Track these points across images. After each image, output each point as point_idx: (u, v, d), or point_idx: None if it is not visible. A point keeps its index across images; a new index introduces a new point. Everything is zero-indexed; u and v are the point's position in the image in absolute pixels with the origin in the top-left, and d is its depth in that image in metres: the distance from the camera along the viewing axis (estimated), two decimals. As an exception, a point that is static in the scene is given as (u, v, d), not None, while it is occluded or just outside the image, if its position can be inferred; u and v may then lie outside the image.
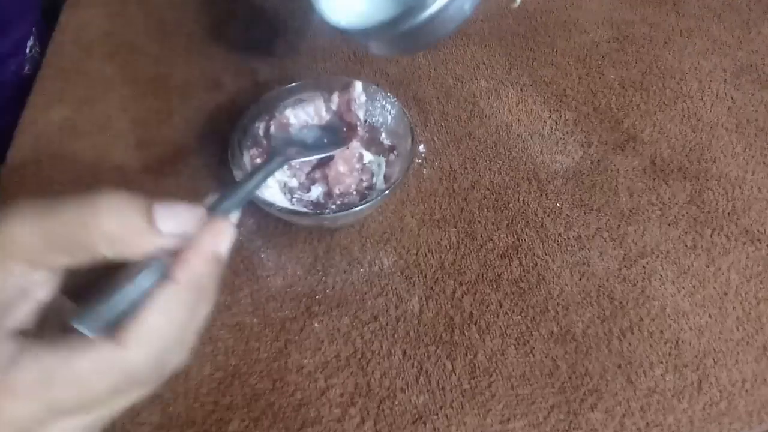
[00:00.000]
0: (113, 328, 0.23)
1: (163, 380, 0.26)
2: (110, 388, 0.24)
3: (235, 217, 0.28)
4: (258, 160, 0.45)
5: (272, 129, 0.41)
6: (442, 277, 0.44)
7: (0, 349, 0.23)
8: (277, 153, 0.37)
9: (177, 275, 0.24)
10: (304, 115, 0.43)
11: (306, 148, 0.40)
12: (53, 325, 0.26)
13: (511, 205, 0.48)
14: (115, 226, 0.23)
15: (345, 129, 0.42)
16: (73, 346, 0.23)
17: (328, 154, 0.42)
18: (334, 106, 0.43)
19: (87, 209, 0.23)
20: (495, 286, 0.43)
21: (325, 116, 0.43)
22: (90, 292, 0.25)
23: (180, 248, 0.25)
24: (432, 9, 0.34)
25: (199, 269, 0.25)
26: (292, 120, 0.42)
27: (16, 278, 0.24)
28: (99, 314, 0.23)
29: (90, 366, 0.23)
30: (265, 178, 0.33)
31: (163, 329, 0.24)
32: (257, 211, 0.44)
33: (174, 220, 0.24)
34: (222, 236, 0.26)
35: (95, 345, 0.23)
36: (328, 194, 0.45)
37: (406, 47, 0.39)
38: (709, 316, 0.42)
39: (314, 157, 0.40)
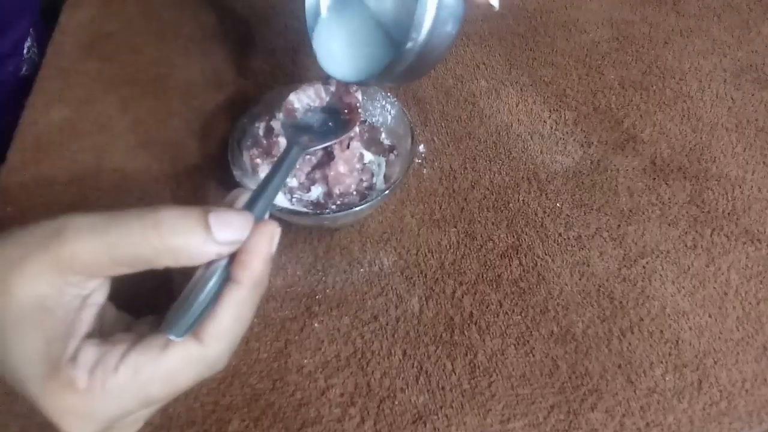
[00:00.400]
0: (191, 329, 0.27)
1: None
2: (195, 379, 0.27)
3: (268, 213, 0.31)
4: (258, 160, 0.46)
5: (281, 117, 0.42)
6: (442, 277, 0.44)
7: (83, 354, 0.26)
8: (291, 143, 0.38)
9: (240, 278, 0.27)
10: (306, 98, 0.44)
11: (314, 133, 0.41)
12: (109, 324, 0.29)
13: (511, 205, 0.48)
14: (179, 241, 0.26)
15: (346, 111, 0.42)
16: (159, 346, 0.26)
17: (338, 141, 0.42)
18: (332, 88, 0.43)
19: (150, 227, 0.25)
20: (495, 286, 0.43)
21: (325, 97, 0.44)
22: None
23: (234, 251, 0.27)
24: (416, 50, 0.34)
25: (258, 271, 0.27)
26: (296, 104, 0.43)
27: (76, 288, 0.26)
28: (182, 321, 0.26)
29: (179, 363, 0.26)
30: (289, 171, 0.34)
31: (235, 326, 0.27)
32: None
33: (229, 229, 0.27)
34: (274, 239, 0.28)
35: (181, 345, 0.26)
36: (328, 194, 0.45)
37: (407, 80, 0.41)
38: (709, 316, 0.42)
39: (328, 144, 0.40)
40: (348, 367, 0.39)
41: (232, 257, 0.27)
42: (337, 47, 0.41)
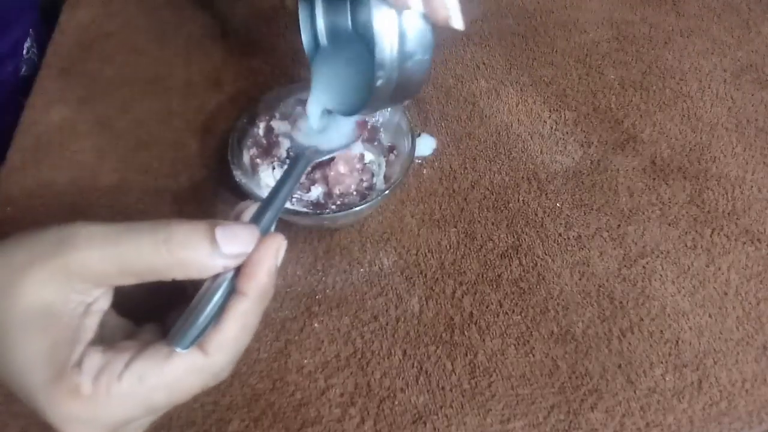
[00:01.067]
0: (197, 341, 0.27)
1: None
2: (199, 388, 0.28)
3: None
4: (258, 160, 0.46)
5: (290, 131, 0.42)
6: (442, 277, 0.44)
7: (88, 360, 0.26)
8: (297, 155, 0.38)
9: (246, 290, 0.27)
10: None
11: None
12: (111, 331, 0.29)
13: (511, 205, 0.48)
14: (187, 254, 0.26)
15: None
16: (164, 354, 0.27)
17: (342, 150, 0.42)
18: None
19: (161, 241, 0.26)
20: (495, 286, 0.43)
21: None
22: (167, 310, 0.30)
23: (241, 263, 0.28)
24: (391, 84, 0.33)
25: (264, 282, 0.28)
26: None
27: (81, 295, 0.26)
28: (187, 334, 0.27)
29: (183, 372, 0.27)
30: (296, 183, 0.34)
31: (239, 336, 0.28)
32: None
33: (235, 243, 0.27)
34: (279, 251, 0.29)
35: (185, 354, 0.27)
36: (328, 194, 0.45)
37: (396, 104, 0.42)
38: (709, 316, 0.42)
39: (332, 155, 0.41)
40: (348, 367, 0.39)
41: (239, 269, 0.28)
42: (330, 85, 0.41)
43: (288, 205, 0.44)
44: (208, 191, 0.48)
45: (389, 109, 0.47)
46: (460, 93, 0.56)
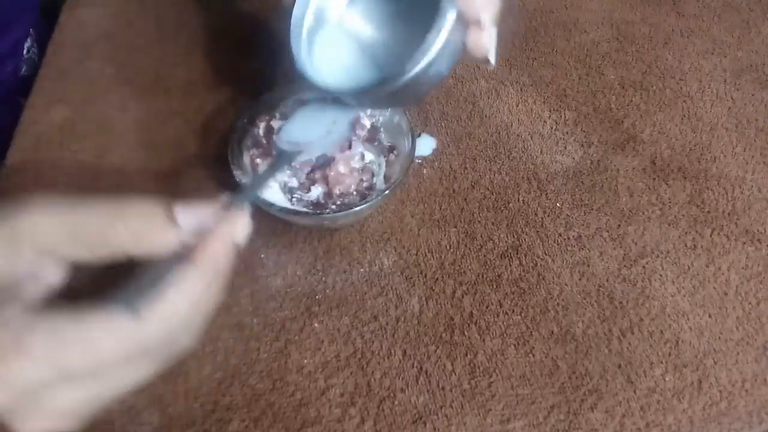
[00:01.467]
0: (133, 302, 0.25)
1: (169, 360, 0.27)
2: (121, 354, 0.24)
3: (248, 209, 0.29)
4: (258, 160, 0.46)
5: (275, 137, 0.42)
6: (442, 277, 0.44)
7: (17, 318, 0.24)
8: (279, 154, 0.38)
9: (195, 257, 0.26)
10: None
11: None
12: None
13: (511, 205, 0.48)
14: (141, 223, 0.25)
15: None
16: (87, 312, 0.24)
17: (331, 154, 0.42)
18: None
19: (113, 209, 0.25)
20: (495, 286, 0.43)
21: None
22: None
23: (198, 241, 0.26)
24: (409, 75, 0.34)
25: (215, 250, 0.26)
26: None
27: (28, 262, 0.25)
28: (129, 298, 0.24)
29: (103, 332, 0.24)
30: (272, 173, 0.35)
31: (177, 304, 0.25)
32: (257, 211, 0.43)
33: (193, 215, 0.26)
34: (238, 224, 0.27)
35: (111, 314, 0.24)
36: (328, 194, 0.45)
37: (387, 106, 0.43)
38: (709, 316, 0.42)
39: (318, 157, 0.41)
40: (348, 367, 0.39)
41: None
42: (327, 60, 0.40)
43: (288, 205, 0.44)
44: (208, 191, 0.48)
45: (387, 110, 0.47)
46: (460, 93, 0.56)
